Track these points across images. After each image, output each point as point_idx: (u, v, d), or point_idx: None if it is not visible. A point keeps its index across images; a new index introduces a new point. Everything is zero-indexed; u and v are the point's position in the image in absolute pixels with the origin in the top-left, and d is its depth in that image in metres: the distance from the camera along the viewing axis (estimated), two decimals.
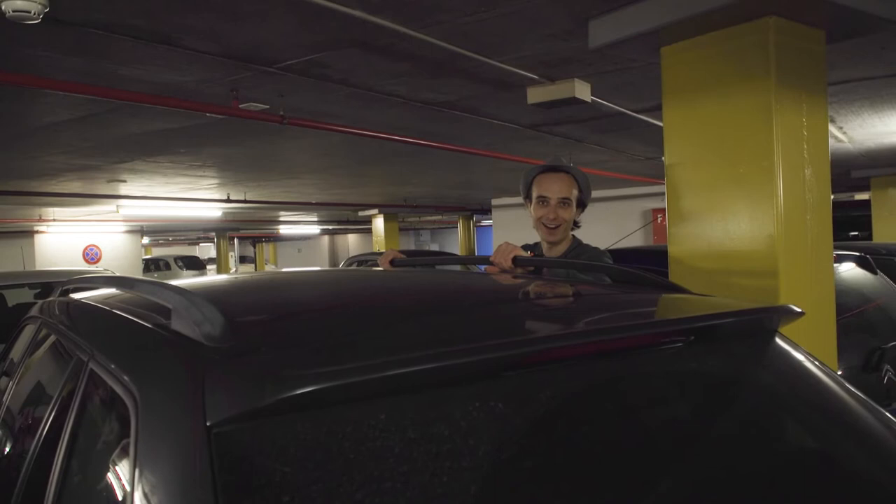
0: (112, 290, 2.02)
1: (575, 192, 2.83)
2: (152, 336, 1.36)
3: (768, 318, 1.59)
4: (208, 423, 0.99)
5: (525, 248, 3.05)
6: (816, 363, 1.57)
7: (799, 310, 1.65)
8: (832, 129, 7.15)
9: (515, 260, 2.52)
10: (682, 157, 3.24)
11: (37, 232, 18.56)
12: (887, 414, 1.50)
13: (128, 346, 1.44)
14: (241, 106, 4.84)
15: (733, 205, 3.03)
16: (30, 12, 2.77)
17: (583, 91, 4.55)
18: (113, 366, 1.32)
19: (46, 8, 2.80)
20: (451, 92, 5.07)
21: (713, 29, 3.04)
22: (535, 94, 4.62)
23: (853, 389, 1.56)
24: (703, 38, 3.09)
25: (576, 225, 2.93)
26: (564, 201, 2.81)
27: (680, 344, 1.44)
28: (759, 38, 2.91)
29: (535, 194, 2.86)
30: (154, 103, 4.57)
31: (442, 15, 3.36)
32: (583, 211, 2.92)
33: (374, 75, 4.51)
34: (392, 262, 2.76)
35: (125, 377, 1.22)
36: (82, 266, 16.62)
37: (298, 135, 6.48)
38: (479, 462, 1.07)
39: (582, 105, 4.80)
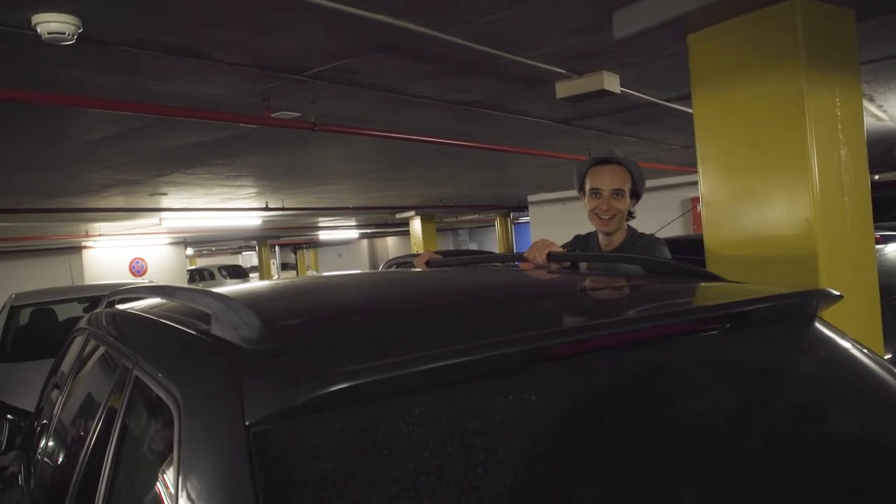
0: (155, 300, 2.07)
1: (628, 184, 2.83)
2: (193, 341, 1.40)
3: (806, 303, 1.57)
4: (247, 423, 1.02)
5: (577, 239, 3.06)
6: (859, 347, 1.55)
7: (837, 293, 1.63)
8: (871, 107, 6.99)
9: (550, 255, 2.53)
10: (714, 145, 3.22)
11: (84, 247, 19.00)
12: None
13: (170, 351, 1.48)
14: (273, 115, 4.90)
15: (768, 190, 2.99)
16: (64, 33, 2.85)
17: (612, 83, 4.52)
18: (156, 371, 1.35)
19: (80, 29, 2.88)
20: (480, 91, 5.08)
21: (739, 13, 3.01)
22: (564, 89, 4.61)
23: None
24: (729, 23, 3.07)
25: (630, 215, 2.92)
26: (617, 192, 2.80)
27: (715, 332, 1.43)
28: (787, 20, 2.88)
29: (588, 186, 2.86)
30: (188, 116, 4.65)
31: (466, 15, 3.37)
32: (637, 202, 2.91)
33: (403, 78, 4.54)
34: (428, 263, 2.79)
35: (168, 382, 1.25)
36: (129, 279, 16.96)
37: (332, 141, 6.55)
38: (512, 455, 1.09)
39: (611, 97, 4.77)
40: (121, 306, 2.27)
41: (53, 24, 2.85)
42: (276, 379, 1.10)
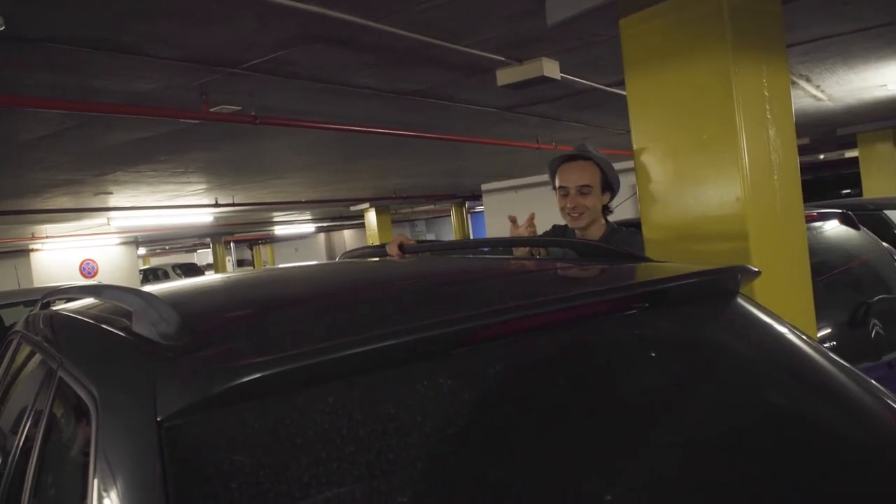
0: (89, 300, 2.05)
1: (598, 178, 2.83)
2: (114, 340, 1.39)
3: (725, 280, 1.61)
4: (159, 419, 1.02)
5: (556, 228, 3.07)
6: (779, 321, 1.58)
7: (755, 269, 1.67)
8: (809, 88, 7.14)
9: (402, 247, 2.57)
10: (648, 128, 3.26)
11: (32, 250, 18.53)
12: (850, 366, 1.50)
13: (90, 350, 1.46)
14: (211, 109, 4.83)
15: (700, 171, 3.04)
16: None
17: (551, 69, 4.55)
18: (77, 371, 1.34)
19: (2, 26, 2.81)
20: (422, 80, 5.08)
21: None
22: (505, 76, 4.63)
23: (817, 344, 1.58)
24: (658, 7, 3.10)
25: (607, 209, 2.92)
26: (584, 189, 2.80)
27: (635, 311, 1.46)
28: (714, 3, 2.92)
29: (557, 184, 2.86)
30: (124, 113, 4.58)
31: (399, 4, 3.37)
32: (613, 196, 2.89)
33: (342, 69, 4.51)
34: (401, 247, 2.69)
35: (87, 380, 1.24)
36: (80, 281, 16.60)
37: (277, 134, 6.48)
38: (425, 438, 1.10)
39: (553, 83, 4.80)
40: (57, 307, 2.24)
41: None
42: (186, 373, 1.10)
